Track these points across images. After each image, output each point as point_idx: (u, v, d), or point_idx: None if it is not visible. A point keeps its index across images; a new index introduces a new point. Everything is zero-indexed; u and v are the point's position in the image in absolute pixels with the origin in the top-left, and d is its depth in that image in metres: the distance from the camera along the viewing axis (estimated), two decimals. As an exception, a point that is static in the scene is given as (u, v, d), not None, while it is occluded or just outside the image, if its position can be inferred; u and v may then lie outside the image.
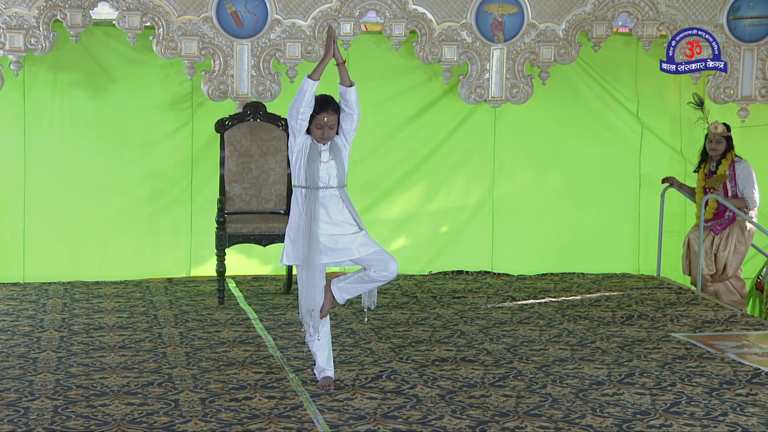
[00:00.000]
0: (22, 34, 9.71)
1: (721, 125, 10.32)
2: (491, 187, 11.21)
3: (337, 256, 6.95)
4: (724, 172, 10.33)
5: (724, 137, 10.31)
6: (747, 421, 6.52)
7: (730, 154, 10.35)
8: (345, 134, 6.97)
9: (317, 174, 6.87)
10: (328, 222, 6.90)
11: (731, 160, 10.34)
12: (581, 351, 8.14)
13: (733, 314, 9.46)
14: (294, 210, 6.95)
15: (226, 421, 6.39)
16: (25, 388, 6.96)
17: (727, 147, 10.35)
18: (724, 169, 10.34)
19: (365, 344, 8.27)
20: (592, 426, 6.39)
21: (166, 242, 10.73)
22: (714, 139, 10.33)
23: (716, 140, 10.32)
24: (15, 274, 10.45)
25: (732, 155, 10.36)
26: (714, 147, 10.34)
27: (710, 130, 10.35)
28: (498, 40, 10.46)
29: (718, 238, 10.53)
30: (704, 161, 10.47)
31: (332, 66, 6.88)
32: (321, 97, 6.89)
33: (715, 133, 10.30)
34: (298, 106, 6.77)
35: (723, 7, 10.74)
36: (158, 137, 10.60)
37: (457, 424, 6.38)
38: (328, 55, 6.81)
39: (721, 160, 10.37)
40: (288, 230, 6.97)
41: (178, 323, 8.86)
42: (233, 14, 10.01)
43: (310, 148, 6.89)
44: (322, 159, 6.90)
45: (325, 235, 6.89)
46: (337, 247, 6.93)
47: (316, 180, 6.88)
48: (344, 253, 6.96)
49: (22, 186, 10.38)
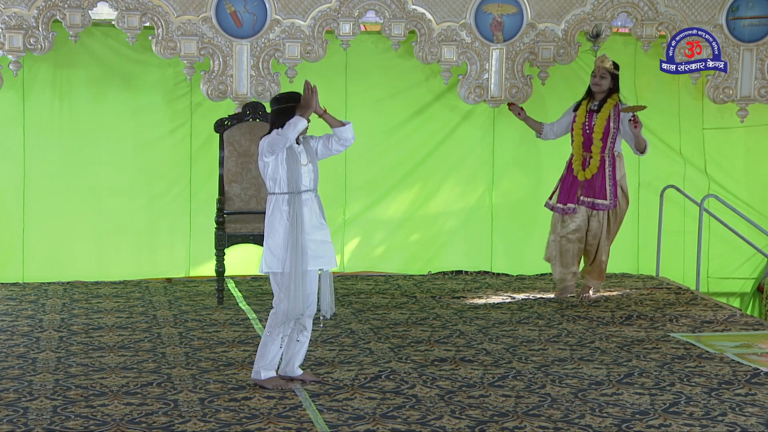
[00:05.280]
0: (22, 34, 9.73)
1: (609, 60, 9.57)
2: (490, 187, 11.21)
3: (321, 264, 7.06)
4: (608, 114, 9.53)
5: (609, 73, 9.54)
6: (746, 421, 6.52)
7: (615, 95, 9.58)
8: (326, 149, 7.05)
9: (300, 178, 6.94)
10: (313, 226, 6.98)
11: (616, 102, 9.58)
12: (580, 351, 8.14)
13: (732, 314, 9.46)
14: (274, 217, 6.96)
15: (225, 421, 6.39)
16: (24, 389, 6.96)
17: (612, 87, 9.58)
18: (608, 110, 9.54)
19: (364, 344, 8.27)
20: (591, 426, 6.39)
21: (165, 242, 10.74)
22: (599, 73, 9.56)
23: (600, 74, 9.55)
24: (14, 274, 10.45)
25: (617, 97, 9.60)
26: (597, 82, 9.56)
27: (596, 63, 9.61)
28: (497, 40, 10.47)
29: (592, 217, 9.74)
30: (586, 98, 9.72)
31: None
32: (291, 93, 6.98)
33: (601, 66, 9.54)
34: (285, 143, 6.83)
35: (722, 7, 10.74)
36: (157, 137, 10.61)
37: (456, 424, 6.39)
38: (310, 108, 6.89)
39: (607, 99, 9.58)
40: (267, 238, 6.98)
41: (178, 323, 8.87)
42: (232, 14, 10.02)
43: (288, 152, 6.91)
44: (302, 162, 6.96)
45: (312, 240, 6.96)
46: (321, 254, 7.03)
47: (299, 184, 6.93)
48: (326, 261, 7.07)
49: (21, 186, 10.38)
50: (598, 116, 9.55)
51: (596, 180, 9.61)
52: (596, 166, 9.58)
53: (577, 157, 9.68)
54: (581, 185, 9.66)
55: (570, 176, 9.73)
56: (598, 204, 9.63)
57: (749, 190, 11.59)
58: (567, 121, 9.82)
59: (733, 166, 11.57)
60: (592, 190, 9.63)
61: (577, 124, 9.67)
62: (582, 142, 9.65)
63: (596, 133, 9.55)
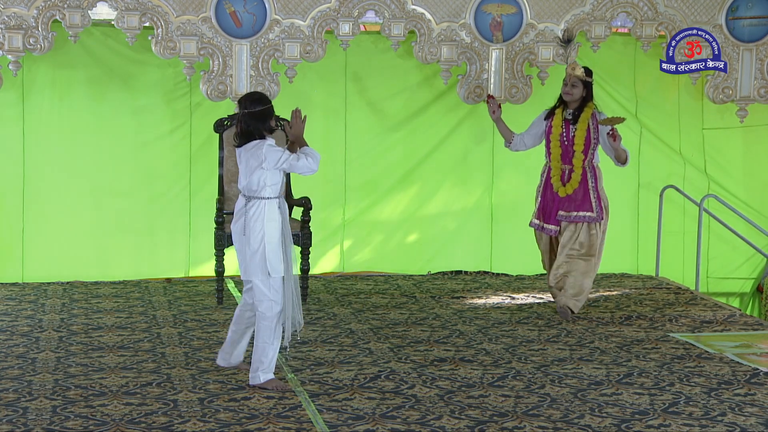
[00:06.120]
0: (21, 34, 9.73)
1: (581, 68, 8.97)
2: (490, 187, 11.23)
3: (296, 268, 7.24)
4: (587, 124, 8.95)
5: (581, 81, 8.93)
6: (745, 421, 6.54)
7: (591, 103, 8.98)
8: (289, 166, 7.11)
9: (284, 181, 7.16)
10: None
11: (593, 110, 8.98)
12: (580, 351, 8.16)
13: (731, 314, 9.47)
14: (270, 222, 7.01)
15: (224, 421, 6.41)
16: (24, 389, 6.98)
17: (586, 95, 8.98)
18: (586, 120, 8.93)
19: (364, 344, 8.29)
20: (591, 426, 6.40)
21: (164, 242, 10.75)
22: (570, 81, 8.95)
23: (572, 83, 8.94)
24: (14, 274, 10.46)
25: (593, 105, 8.99)
26: (569, 91, 8.96)
27: (567, 70, 9.00)
28: (497, 40, 10.48)
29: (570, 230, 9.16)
30: (559, 106, 9.13)
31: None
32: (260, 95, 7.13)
33: (572, 74, 8.94)
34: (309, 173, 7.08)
35: (722, 7, 10.76)
36: (156, 137, 10.61)
37: (455, 424, 6.40)
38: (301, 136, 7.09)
39: (583, 107, 8.98)
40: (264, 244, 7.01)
41: (177, 323, 8.89)
42: (232, 14, 10.02)
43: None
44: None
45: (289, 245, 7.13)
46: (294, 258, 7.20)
47: (283, 187, 7.12)
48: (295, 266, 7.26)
49: (21, 186, 10.39)
50: (577, 127, 8.98)
51: (578, 194, 9.03)
52: (577, 180, 9.04)
53: (555, 171, 9.10)
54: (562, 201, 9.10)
55: (549, 192, 9.18)
56: (582, 217, 9.03)
57: (749, 190, 11.61)
58: (539, 131, 9.25)
59: (732, 166, 11.59)
60: (574, 204, 9.06)
61: (553, 135, 9.07)
62: (560, 154, 9.06)
63: (577, 144, 9.00)
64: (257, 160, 6.98)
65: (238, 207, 7.15)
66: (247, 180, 7.06)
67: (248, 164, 7.04)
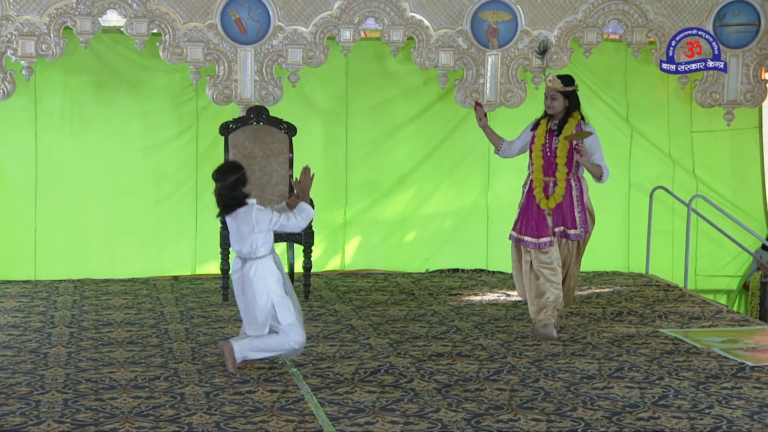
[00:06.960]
0: (34, 40, 9.76)
1: (558, 80, 8.37)
2: (486, 188, 11.28)
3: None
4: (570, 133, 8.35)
5: (560, 93, 8.34)
6: (732, 413, 6.57)
7: (576, 113, 8.39)
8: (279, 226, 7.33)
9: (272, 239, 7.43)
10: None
11: (578, 120, 8.38)
12: (573, 346, 8.17)
13: (719, 311, 9.47)
14: (271, 277, 7.24)
15: (230, 413, 6.44)
16: (36, 382, 7.01)
17: (569, 105, 8.41)
18: (569, 129, 8.35)
19: (364, 340, 8.32)
20: (583, 418, 6.43)
21: (171, 241, 10.79)
22: (549, 94, 8.40)
23: (551, 95, 8.39)
24: (27, 271, 10.50)
25: (578, 115, 8.39)
26: (549, 104, 8.40)
27: (546, 83, 8.47)
28: (492, 46, 10.53)
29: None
30: (545, 117, 8.55)
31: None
32: (233, 163, 7.50)
33: (550, 87, 8.38)
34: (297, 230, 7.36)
35: (709, 14, 10.76)
36: (164, 140, 10.67)
37: (452, 417, 6.44)
38: (308, 192, 7.31)
39: (568, 119, 8.38)
40: (275, 297, 7.25)
41: (184, 319, 8.92)
42: (237, 21, 10.05)
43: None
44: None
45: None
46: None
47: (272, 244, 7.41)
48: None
49: (34, 187, 10.44)
50: (560, 139, 8.36)
51: (564, 208, 8.42)
52: (561, 194, 8.40)
53: (538, 183, 8.48)
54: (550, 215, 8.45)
55: (532, 205, 8.49)
56: (569, 234, 8.44)
57: (735, 190, 11.63)
58: (526, 140, 8.70)
59: (720, 167, 11.61)
60: (561, 219, 8.43)
61: (536, 146, 8.49)
62: (542, 165, 8.45)
63: (560, 157, 8.38)
64: (249, 226, 7.16)
65: (236, 267, 7.33)
66: (240, 245, 7.25)
67: (239, 229, 7.21)
